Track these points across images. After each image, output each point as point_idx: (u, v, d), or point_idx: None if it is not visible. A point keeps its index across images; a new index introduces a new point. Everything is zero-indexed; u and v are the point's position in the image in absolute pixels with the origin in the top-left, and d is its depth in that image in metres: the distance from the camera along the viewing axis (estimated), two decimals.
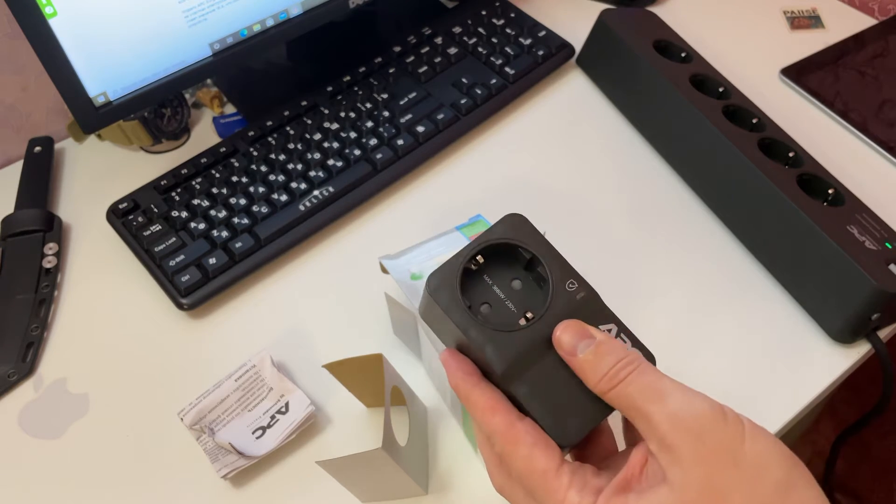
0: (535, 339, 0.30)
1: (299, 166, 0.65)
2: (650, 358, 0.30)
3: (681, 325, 0.57)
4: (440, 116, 0.69)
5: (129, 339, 0.59)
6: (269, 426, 0.51)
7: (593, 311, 0.30)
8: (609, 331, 0.30)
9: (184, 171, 0.65)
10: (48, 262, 0.62)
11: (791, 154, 0.61)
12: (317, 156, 0.66)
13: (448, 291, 0.31)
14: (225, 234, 0.61)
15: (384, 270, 0.52)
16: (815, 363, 0.54)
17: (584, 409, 0.30)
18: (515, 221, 0.31)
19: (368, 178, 0.65)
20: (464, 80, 0.72)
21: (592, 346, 0.29)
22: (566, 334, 0.29)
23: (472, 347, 0.31)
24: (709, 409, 0.26)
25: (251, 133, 0.68)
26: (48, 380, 0.57)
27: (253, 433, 0.51)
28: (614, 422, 0.33)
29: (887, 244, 0.54)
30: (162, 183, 0.65)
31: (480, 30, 0.76)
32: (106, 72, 0.59)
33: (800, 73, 0.73)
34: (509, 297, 0.31)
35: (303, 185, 0.64)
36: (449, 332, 0.32)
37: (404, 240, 0.58)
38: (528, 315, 0.31)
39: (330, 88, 0.72)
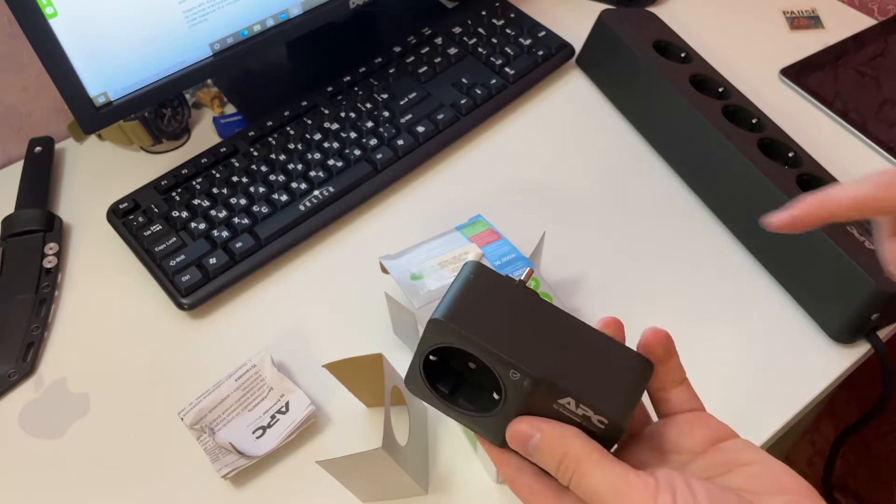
0: (510, 417, 0.30)
1: (299, 166, 0.65)
2: (616, 425, 0.28)
3: (681, 325, 0.57)
4: (440, 116, 0.69)
5: (129, 339, 0.59)
6: (269, 426, 0.51)
7: (545, 390, 0.29)
8: (568, 404, 0.29)
9: (184, 171, 0.66)
10: (48, 262, 0.63)
11: (791, 154, 0.61)
12: (317, 156, 0.66)
13: (424, 392, 0.32)
14: (225, 234, 0.61)
15: (384, 270, 0.53)
16: (815, 363, 0.54)
17: None
18: (439, 327, 0.29)
19: (368, 178, 0.65)
20: (464, 80, 0.72)
21: (535, 445, 0.29)
22: (512, 439, 0.30)
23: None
24: None
25: (251, 133, 0.68)
26: (48, 380, 0.57)
27: (253, 433, 0.51)
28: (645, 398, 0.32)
29: None
30: (162, 183, 0.65)
31: (480, 30, 0.76)
32: (106, 72, 0.59)
33: (799, 73, 0.73)
34: (483, 370, 0.30)
35: (303, 185, 0.64)
36: None
37: (404, 240, 0.58)
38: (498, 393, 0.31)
39: (330, 88, 0.72)
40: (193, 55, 0.63)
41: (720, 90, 0.66)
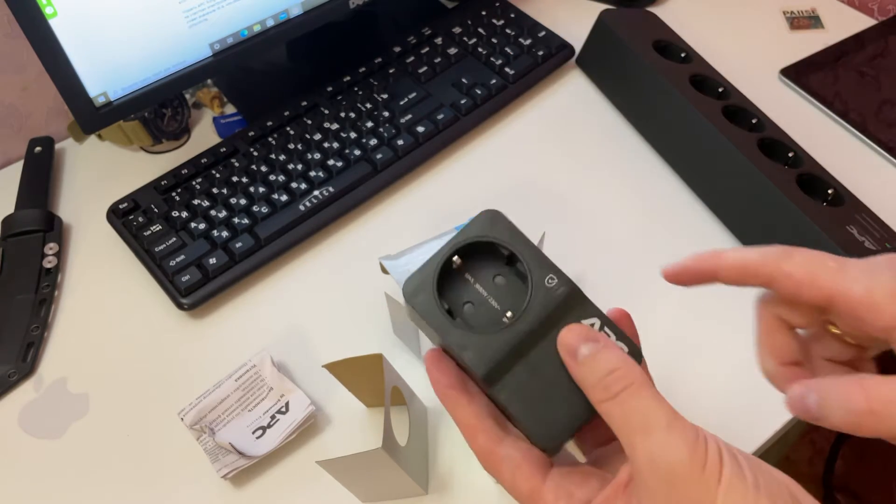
0: (517, 339, 0.29)
1: (299, 166, 0.65)
2: (637, 353, 0.29)
3: (681, 326, 0.57)
4: (440, 116, 0.69)
5: (129, 339, 0.59)
6: (269, 426, 0.51)
7: (574, 305, 0.29)
8: (592, 325, 0.29)
9: (184, 171, 0.65)
10: (48, 262, 0.62)
11: (791, 154, 0.61)
12: (317, 156, 0.66)
13: (424, 296, 0.30)
14: (225, 234, 0.61)
15: (384, 270, 0.53)
16: None
17: (569, 407, 0.29)
18: (491, 217, 0.30)
19: (368, 178, 0.65)
20: (464, 80, 0.72)
21: (592, 350, 0.28)
22: (571, 333, 0.29)
23: (453, 352, 0.30)
24: (686, 459, 0.25)
25: (251, 133, 0.68)
26: (48, 380, 0.57)
27: (253, 433, 0.51)
28: None
29: (887, 244, 0.54)
30: (162, 183, 0.65)
31: (480, 30, 0.76)
32: (106, 72, 0.59)
33: (799, 74, 0.73)
34: (492, 294, 0.30)
35: (303, 185, 0.64)
36: (432, 334, 0.32)
37: (404, 240, 0.58)
38: (509, 315, 0.30)
39: (330, 88, 0.72)
40: (193, 55, 0.63)
41: (720, 90, 0.66)
